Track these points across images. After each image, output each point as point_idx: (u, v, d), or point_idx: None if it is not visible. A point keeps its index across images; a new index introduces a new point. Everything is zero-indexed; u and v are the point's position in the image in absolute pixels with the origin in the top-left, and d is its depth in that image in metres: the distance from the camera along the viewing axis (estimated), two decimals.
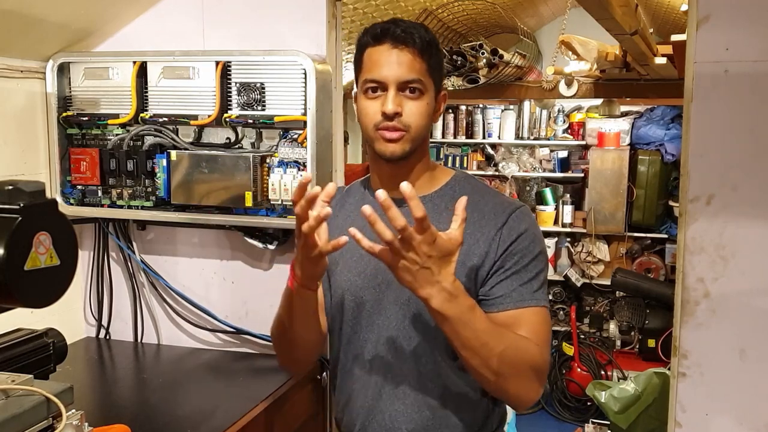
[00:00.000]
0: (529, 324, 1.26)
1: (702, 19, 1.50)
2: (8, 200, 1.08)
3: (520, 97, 4.68)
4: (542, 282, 1.30)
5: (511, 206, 1.32)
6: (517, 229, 1.29)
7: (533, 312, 1.27)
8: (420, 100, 1.26)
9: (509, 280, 1.27)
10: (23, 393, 1.09)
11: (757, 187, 1.51)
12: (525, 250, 1.29)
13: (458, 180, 1.37)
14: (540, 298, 1.28)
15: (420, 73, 1.25)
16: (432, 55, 1.27)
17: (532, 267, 1.29)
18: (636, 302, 4.71)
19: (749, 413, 1.55)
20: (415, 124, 1.26)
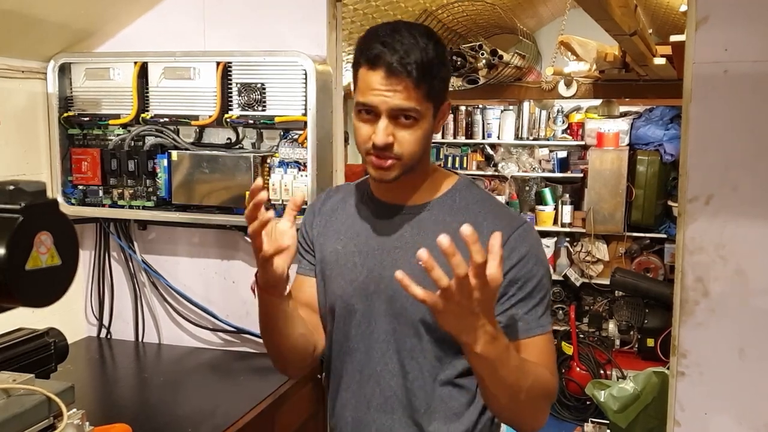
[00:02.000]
0: (538, 353, 1.22)
1: (701, 20, 1.51)
2: (9, 200, 1.08)
3: (520, 97, 4.68)
4: (546, 306, 1.26)
5: (511, 224, 1.25)
6: (518, 251, 1.22)
7: (541, 340, 1.23)
8: (414, 128, 1.19)
9: (514, 308, 1.22)
10: (24, 392, 1.09)
11: (756, 187, 1.51)
12: (528, 275, 1.23)
13: (459, 188, 1.31)
14: (545, 324, 1.24)
15: (416, 101, 1.17)
16: (433, 77, 1.18)
17: (536, 292, 1.24)
18: (635, 302, 4.71)
19: (748, 412, 1.55)
20: (408, 152, 1.20)
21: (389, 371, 1.28)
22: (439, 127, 1.29)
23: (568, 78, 4.09)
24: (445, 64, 1.23)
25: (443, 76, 1.22)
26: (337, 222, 1.36)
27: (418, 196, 1.29)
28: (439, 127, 1.28)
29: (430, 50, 1.17)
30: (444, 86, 1.23)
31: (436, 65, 1.18)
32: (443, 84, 1.23)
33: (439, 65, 1.19)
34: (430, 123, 1.22)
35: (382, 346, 1.28)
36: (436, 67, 1.18)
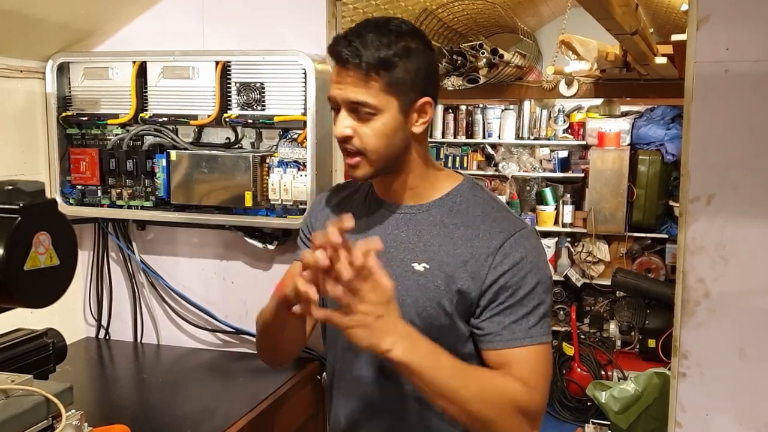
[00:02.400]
0: (522, 364, 1.17)
1: (702, 19, 1.50)
2: (8, 200, 1.08)
3: (520, 97, 4.68)
4: (541, 316, 1.20)
5: (509, 229, 1.21)
6: (511, 257, 1.18)
7: (528, 351, 1.17)
8: (372, 121, 1.16)
9: (501, 315, 1.18)
10: (23, 393, 1.09)
11: (757, 187, 1.51)
12: (520, 282, 1.18)
13: (462, 190, 1.28)
14: (537, 335, 1.18)
15: (368, 94, 1.14)
16: (393, 68, 1.15)
17: (528, 301, 1.18)
18: (636, 302, 4.71)
19: (749, 413, 1.55)
20: (370, 146, 1.18)
21: (376, 374, 1.26)
22: (419, 125, 1.21)
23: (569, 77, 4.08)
24: (413, 58, 1.18)
25: (411, 69, 1.17)
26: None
27: (417, 196, 1.27)
28: (418, 125, 1.21)
29: (391, 43, 1.15)
30: (415, 81, 1.18)
31: (394, 57, 1.15)
32: (412, 78, 1.18)
33: (402, 58, 1.16)
34: (395, 119, 1.18)
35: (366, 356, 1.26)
36: (395, 60, 1.15)
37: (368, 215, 1.32)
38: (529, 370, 1.17)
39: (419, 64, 1.19)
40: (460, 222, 1.23)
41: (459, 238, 1.22)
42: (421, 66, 1.19)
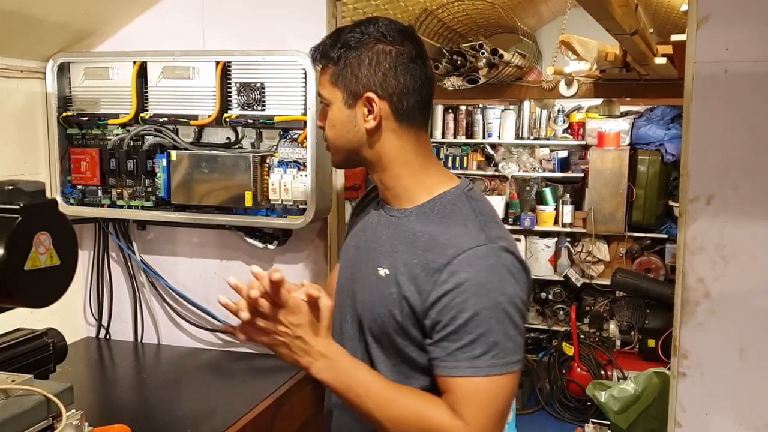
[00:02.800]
0: (460, 396, 1.09)
1: (702, 19, 1.50)
2: (8, 200, 1.08)
3: (520, 97, 4.67)
4: (490, 345, 1.08)
5: (465, 244, 1.12)
6: (457, 276, 1.09)
7: (469, 383, 1.09)
8: (329, 113, 1.24)
9: (447, 341, 1.11)
10: (23, 393, 1.09)
11: (757, 187, 1.51)
12: (463, 305, 1.09)
13: (445, 197, 1.22)
14: (482, 366, 1.08)
15: (321, 85, 1.24)
16: (336, 61, 1.19)
17: (472, 327, 1.08)
18: (636, 302, 4.71)
19: (749, 413, 1.55)
20: (328, 136, 1.26)
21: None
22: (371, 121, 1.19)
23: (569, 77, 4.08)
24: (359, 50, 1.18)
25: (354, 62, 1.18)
26: (356, 217, 1.40)
27: (402, 199, 1.25)
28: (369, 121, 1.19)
29: (341, 38, 1.19)
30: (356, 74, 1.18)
31: (341, 49, 1.18)
32: (355, 71, 1.18)
33: (348, 49, 1.18)
34: (340, 110, 1.21)
35: (351, 345, 1.28)
36: (341, 51, 1.19)
37: (369, 216, 1.35)
38: (466, 403, 1.09)
39: (367, 59, 1.18)
40: (427, 231, 1.18)
41: (419, 248, 1.17)
42: (371, 61, 1.18)
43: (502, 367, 1.10)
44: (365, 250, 1.30)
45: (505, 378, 1.10)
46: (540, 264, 5.23)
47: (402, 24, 1.23)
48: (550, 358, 4.75)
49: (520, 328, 1.12)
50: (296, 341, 1.12)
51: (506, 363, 1.10)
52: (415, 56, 1.21)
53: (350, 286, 1.31)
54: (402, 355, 1.20)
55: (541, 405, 4.63)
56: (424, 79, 1.22)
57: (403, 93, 1.20)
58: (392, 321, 1.18)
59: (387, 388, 1.14)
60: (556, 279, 5.25)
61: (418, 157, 1.24)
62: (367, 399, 1.12)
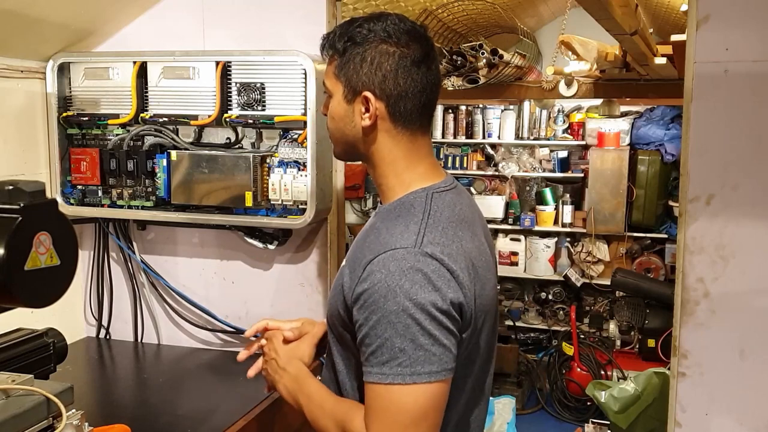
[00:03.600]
0: (369, 402, 1.08)
1: (702, 19, 1.50)
2: (8, 200, 1.09)
3: (520, 97, 4.68)
4: (395, 353, 1.04)
5: (390, 244, 1.09)
6: (373, 277, 1.07)
7: (374, 390, 1.06)
8: (330, 103, 1.24)
9: (363, 344, 1.09)
10: (23, 393, 1.09)
11: (757, 187, 1.51)
12: (372, 308, 1.06)
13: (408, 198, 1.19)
14: (388, 374, 1.04)
15: (326, 75, 1.24)
16: (342, 54, 1.19)
17: (379, 331, 1.05)
18: (636, 302, 4.71)
19: (749, 413, 1.55)
20: (329, 126, 1.27)
21: (327, 362, 1.33)
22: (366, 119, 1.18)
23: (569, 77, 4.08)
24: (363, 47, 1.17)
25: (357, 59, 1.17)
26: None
27: (387, 197, 1.25)
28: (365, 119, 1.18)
29: (351, 29, 1.20)
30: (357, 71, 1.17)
31: (347, 42, 1.18)
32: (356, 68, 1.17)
33: (354, 44, 1.18)
34: (341, 103, 1.21)
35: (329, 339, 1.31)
36: (347, 44, 1.18)
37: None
38: (371, 409, 1.08)
39: (369, 57, 1.17)
40: (380, 227, 1.18)
41: (364, 244, 1.17)
42: (373, 60, 1.17)
43: (409, 377, 1.04)
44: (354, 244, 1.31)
45: (412, 389, 1.04)
46: (540, 264, 5.24)
47: (413, 24, 1.21)
48: (549, 358, 4.75)
49: (435, 337, 1.05)
50: (270, 363, 1.35)
51: (414, 373, 1.04)
52: (419, 60, 1.18)
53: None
54: (350, 348, 1.19)
55: (541, 405, 4.63)
56: (425, 84, 1.20)
57: (401, 96, 1.18)
58: (337, 312, 1.19)
59: (324, 398, 1.23)
60: (556, 279, 5.26)
61: (407, 158, 1.22)
62: (305, 408, 1.24)
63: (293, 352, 1.34)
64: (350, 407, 1.16)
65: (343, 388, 1.23)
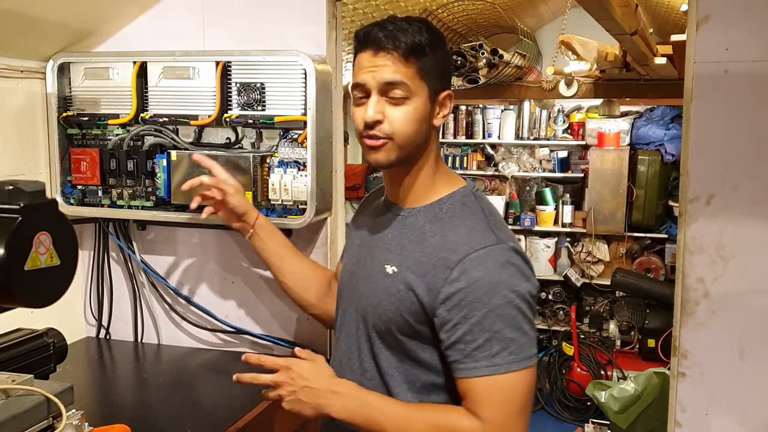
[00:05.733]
0: (479, 397, 1.11)
1: (702, 19, 1.50)
2: (8, 200, 1.08)
3: (520, 97, 4.69)
4: (507, 342, 1.10)
5: (476, 243, 1.14)
6: (469, 274, 1.11)
7: (488, 382, 1.10)
8: (405, 105, 1.18)
9: (461, 342, 1.12)
10: (23, 393, 1.09)
11: (757, 187, 1.51)
12: (474, 304, 1.10)
13: (454, 197, 1.24)
14: (502, 363, 1.10)
15: (405, 76, 1.17)
16: (426, 56, 1.18)
17: (487, 325, 1.10)
18: (636, 302, 4.71)
19: (749, 413, 1.55)
20: (399, 131, 1.19)
21: (350, 367, 1.30)
22: (439, 118, 1.25)
23: (569, 77, 4.09)
24: (440, 49, 1.21)
25: (438, 60, 1.21)
26: (363, 215, 1.42)
27: (413, 198, 1.27)
28: (439, 118, 1.25)
29: (423, 31, 1.18)
30: (440, 72, 1.22)
31: (428, 45, 1.18)
32: (439, 68, 1.21)
33: (432, 47, 1.19)
34: (425, 105, 1.20)
35: (348, 341, 1.31)
36: (428, 48, 1.18)
37: (374, 214, 1.37)
38: (486, 402, 1.11)
39: (445, 57, 1.24)
40: (437, 230, 1.20)
41: (429, 247, 1.19)
42: (446, 60, 1.25)
43: (521, 362, 1.11)
44: (369, 248, 1.31)
45: (523, 373, 1.12)
46: (540, 264, 5.24)
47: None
48: (550, 358, 4.75)
49: (532, 324, 1.14)
50: (304, 391, 1.21)
51: (523, 358, 1.12)
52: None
53: (352, 283, 1.33)
54: (405, 352, 1.21)
55: (541, 405, 4.63)
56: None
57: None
58: (399, 318, 1.19)
59: (403, 409, 1.17)
60: (556, 279, 5.26)
61: (437, 158, 1.29)
62: (386, 424, 1.15)
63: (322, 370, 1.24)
64: (447, 410, 1.16)
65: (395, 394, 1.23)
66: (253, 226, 1.64)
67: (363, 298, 1.28)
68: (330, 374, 1.24)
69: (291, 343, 2.03)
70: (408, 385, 1.22)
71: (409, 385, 1.22)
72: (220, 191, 1.62)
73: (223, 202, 1.63)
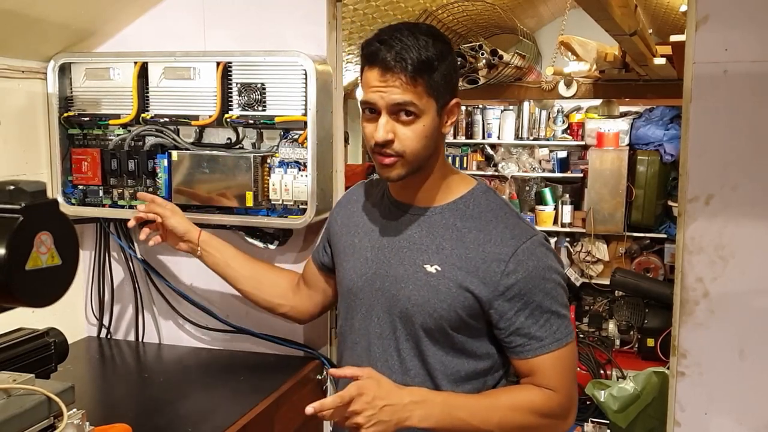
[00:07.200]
0: (547, 371, 1.24)
1: (701, 20, 1.51)
2: (10, 200, 1.09)
3: (520, 97, 4.69)
4: (562, 316, 1.25)
5: (521, 236, 1.24)
6: (525, 264, 1.22)
7: (554, 357, 1.23)
8: (415, 123, 1.20)
9: (525, 327, 1.23)
10: (24, 392, 1.09)
11: (756, 187, 1.51)
12: (536, 289, 1.22)
13: (475, 194, 1.30)
14: (562, 337, 1.24)
15: (413, 96, 1.18)
16: (433, 71, 1.19)
17: (546, 306, 1.23)
18: (635, 302, 4.71)
19: (748, 413, 1.55)
20: (409, 149, 1.21)
21: (389, 368, 1.30)
22: (448, 126, 1.27)
23: (568, 78, 4.09)
24: (447, 61, 1.22)
25: (445, 72, 1.21)
26: (357, 216, 1.41)
27: (430, 197, 1.30)
28: (447, 126, 1.27)
29: (429, 46, 1.18)
30: (447, 83, 1.23)
31: (434, 61, 1.19)
32: (446, 81, 1.22)
33: (440, 61, 1.20)
34: (434, 120, 1.22)
35: (383, 343, 1.31)
36: (435, 63, 1.19)
37: (384, 215, 1.36)
38: (553, 374, 1.23)
39: (451, 66, 1.24)
40: (472, 226, 1.26)
41: (471, 242, 1.24)
42: (452, 67, 1.25)
43: (570, 334, 1.26)
44: (394, 250, 1.31)
45: (574, 342, 1.26)
46: None
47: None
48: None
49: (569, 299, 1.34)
50: (385, 410, 1.18)
51: (571, 330, 1.26)
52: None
53: (376, 285, 1.32)
54: (453, 345, 1.26)
55: None
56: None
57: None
58: (452, 314, 1.23)
59: (479, 400, 1.23)
60: None
61: (444, 158, 1.32)
62: (471, 419, 1.20)
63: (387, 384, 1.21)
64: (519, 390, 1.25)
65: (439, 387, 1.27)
66: (198, 244, 1.68)
67: (400, 299, 1.29)
68: (395, 385, 1.23)
69: (292, 343, 2.03)
70: (453, 376, 1.27)
71: (453, 376, 1.27)
72: (157, 215, 1.68)
73: (164, 226, 1.69)
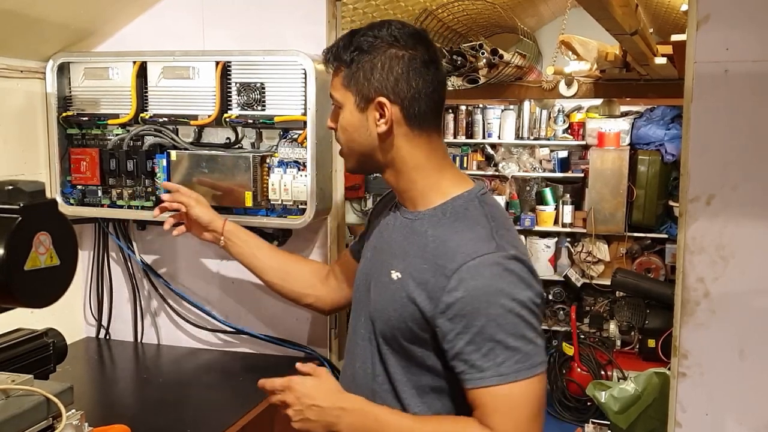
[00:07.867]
0: (489, 407, 1.10)
1: (702, 19, 1.50)
2: (8, 200, 1.08)
3: (520, 97, 4.68)
4: (512, 349, 1.08)
5: (475, 251, 1.11)
6: (466, 284, 1.09)
7: (497, 392, 1.09)
8: (341, 115, 1.25)
9: (465, 353, 1.11)
10: (23, 393, 1.09)
11: (757, 187, 1.51)
12: (474, 314, 1.09)
13: (457, 201, 1.22)
14: (508, 373, 1.08)
15: (333, 87, 1.25)
16: (350, 63, 1.20)
17: (491, 332, 1.08)
18: (636, 302, 4.71)
19: (749, 413, 1.55)
20: (340, 139, 1.28)
21: (364, 371, 1.29)
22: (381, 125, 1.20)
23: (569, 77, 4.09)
24: (373, 56, 1.19)
25: (366, 66, 1.19)
26: (379, 215, 1.41)
27: (414, 201, 1.27)
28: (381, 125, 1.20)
29: (354, 41, 1.20)
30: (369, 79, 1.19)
31: (353, 53, 1.19)
32: (367, 75, 1.19)
33: (361, 53, 1.19)
34: (353, 113, 1.23)
35: (363, 345, 1.30)
36: (353, 55, 1.20)
37: (386, 216, 1.36)
38: (496, 412, 1.10)
39: (379, 63, 1.19)
40: (439, 235, 1.19)
41: (430, 253, 1.17)
42: (383, 65, 1.19)
43: (528, 371, 1.10)
44: (380, 252, 1.31)
45: (531, 381, 1.10)
46: (540, 264, 5.24)
47: (415, 28, 1.24)
48: (550, 358, 4.75)
49: (538, 331, 1.13)
50: (312, 410, 1.19)
51: (531, 366, 1.10)
52: (427, 61, 1.21)
53: (365, 286, 1.32)
54: (411, 357, 1.22)
55: None
56: (436, 84, 1.22)
57: (415, 98, 1.20)
58: (402, 325, 1.19)
59: (413, 422, 1.17)
60: (556, 279, 5.26)
61: (431, 160, 1.25)
62: None
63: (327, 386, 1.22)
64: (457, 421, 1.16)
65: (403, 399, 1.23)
66: (222, 234, 1.65)
67: (371, 303, 1.27)
68: (335, 389, 1.22)
69: (291, 344, 2.03)
70: (416, 390, 1.22)
71: (418, 390, 1.22)
72: (182, 204, 1.66)
73: (188, 216, 1.67)
